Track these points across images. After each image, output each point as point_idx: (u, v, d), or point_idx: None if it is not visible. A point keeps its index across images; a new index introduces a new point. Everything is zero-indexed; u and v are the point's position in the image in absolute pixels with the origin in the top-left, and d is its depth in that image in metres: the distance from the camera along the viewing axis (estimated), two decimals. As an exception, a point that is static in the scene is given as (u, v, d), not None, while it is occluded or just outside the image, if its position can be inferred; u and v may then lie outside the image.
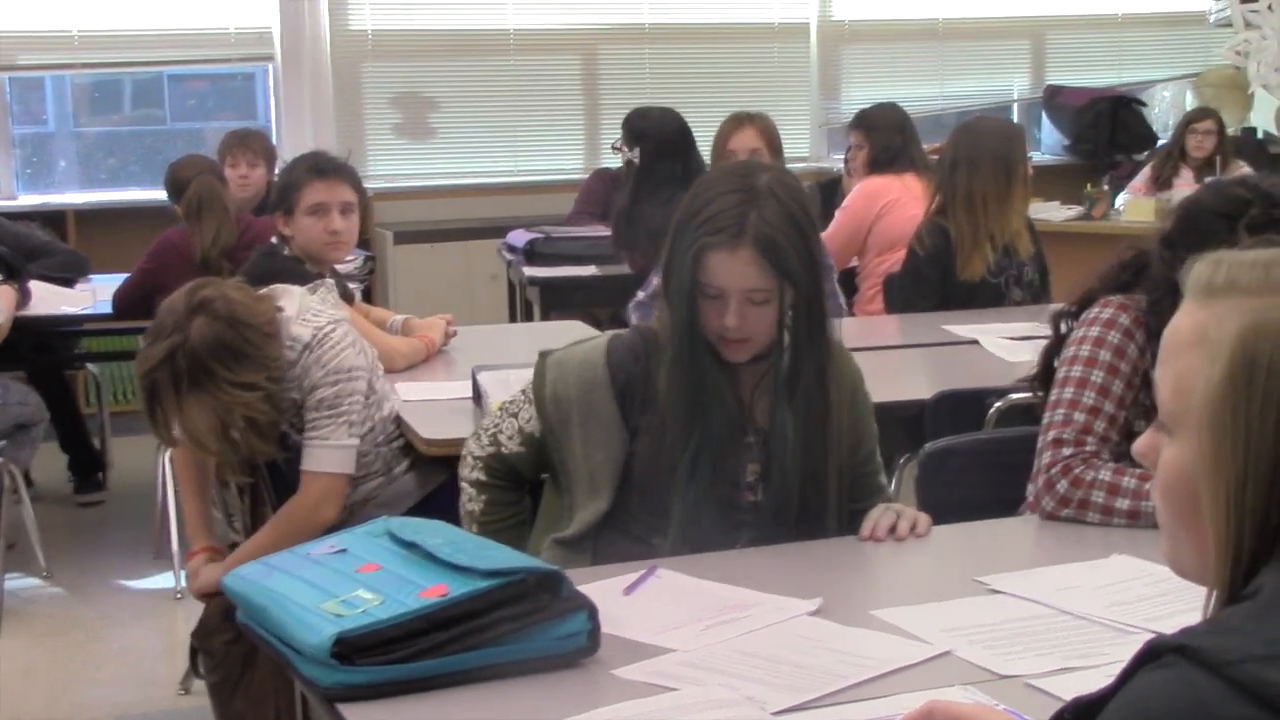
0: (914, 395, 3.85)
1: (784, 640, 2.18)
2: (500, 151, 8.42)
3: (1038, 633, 2.19)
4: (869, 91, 8.58)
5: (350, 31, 8.21)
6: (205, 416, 3.27)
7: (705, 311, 2.63)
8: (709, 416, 2.65)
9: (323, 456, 3.44)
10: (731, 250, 2.58)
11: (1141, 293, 2.82)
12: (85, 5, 7.71)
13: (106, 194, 8.24)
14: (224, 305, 3.30)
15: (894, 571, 2.54)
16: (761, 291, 2.60)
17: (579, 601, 2.11)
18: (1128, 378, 2.79)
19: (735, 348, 2.66)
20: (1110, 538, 2.61)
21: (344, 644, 1.98)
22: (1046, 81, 9.26)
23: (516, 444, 2.75)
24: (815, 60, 8.91)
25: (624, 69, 8.63)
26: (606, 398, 2.69)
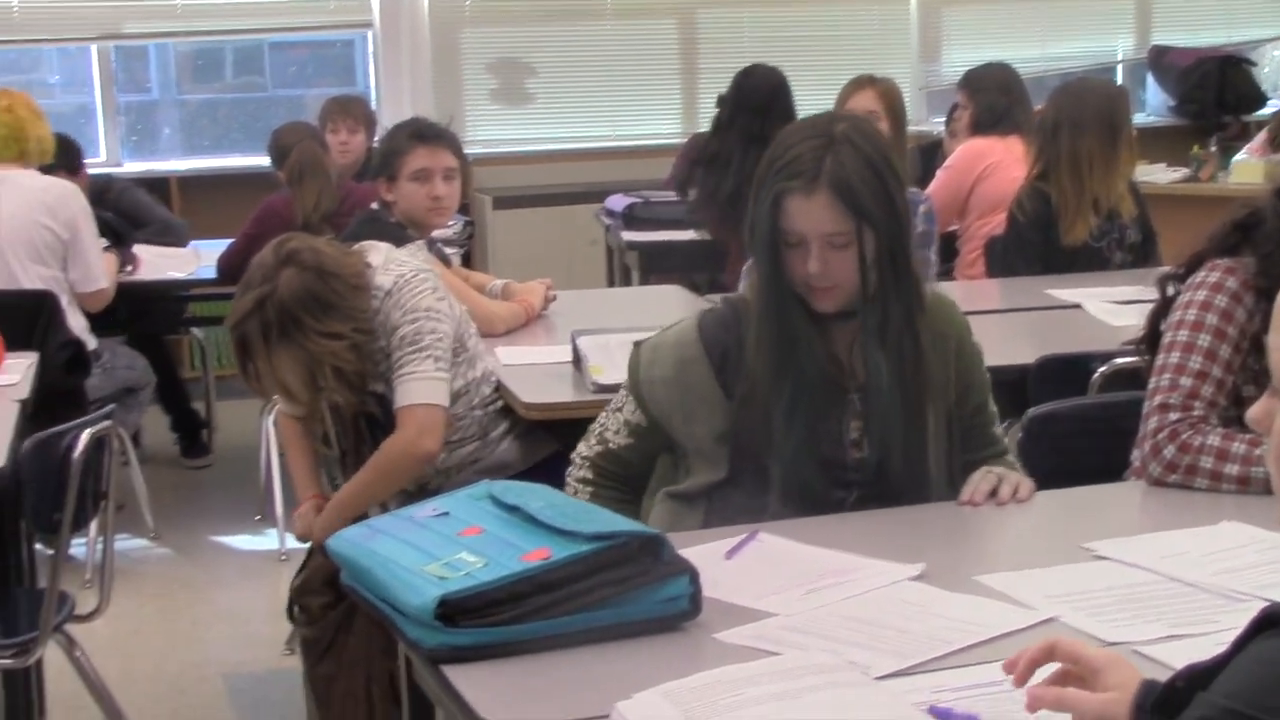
0: (1016, 360, 3.80)
1: (886, 605, 2.17)
2: (598, 116, 8.50)
3: (1144, 599, 2.16)
4: (970, 53, 8.51)
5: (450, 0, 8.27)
6: (294, 366, 3.32)
7: (790, 262, 2.62)
8: (801, 369, 2.63)
9: (412, 389, 3.44)
10: (808, 194, 2.57)
11: (1250, 254, 2.77)
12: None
13: (209, 161, 8.39)
14: (312, 256, 3.35)
15: (997, 537, 2.53)
16: (841, 235, 2.58)
17: (681, 565, 2.11)
18: (1235, 342, 2.74)
19: (822, 296, 2.64)
20: (1219, 504, 2.57)
21: (448, 606, 1.99)
22: (1152, 41, 9.19)
23: (624, 437, 2.74)
24: (915, 22, 8.93)
25: (722, 33, 8.64)
26: (705, 372, 2.68)
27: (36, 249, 5.06)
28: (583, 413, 3.59)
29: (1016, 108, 5.89)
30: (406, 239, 4.12)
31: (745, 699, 1.76)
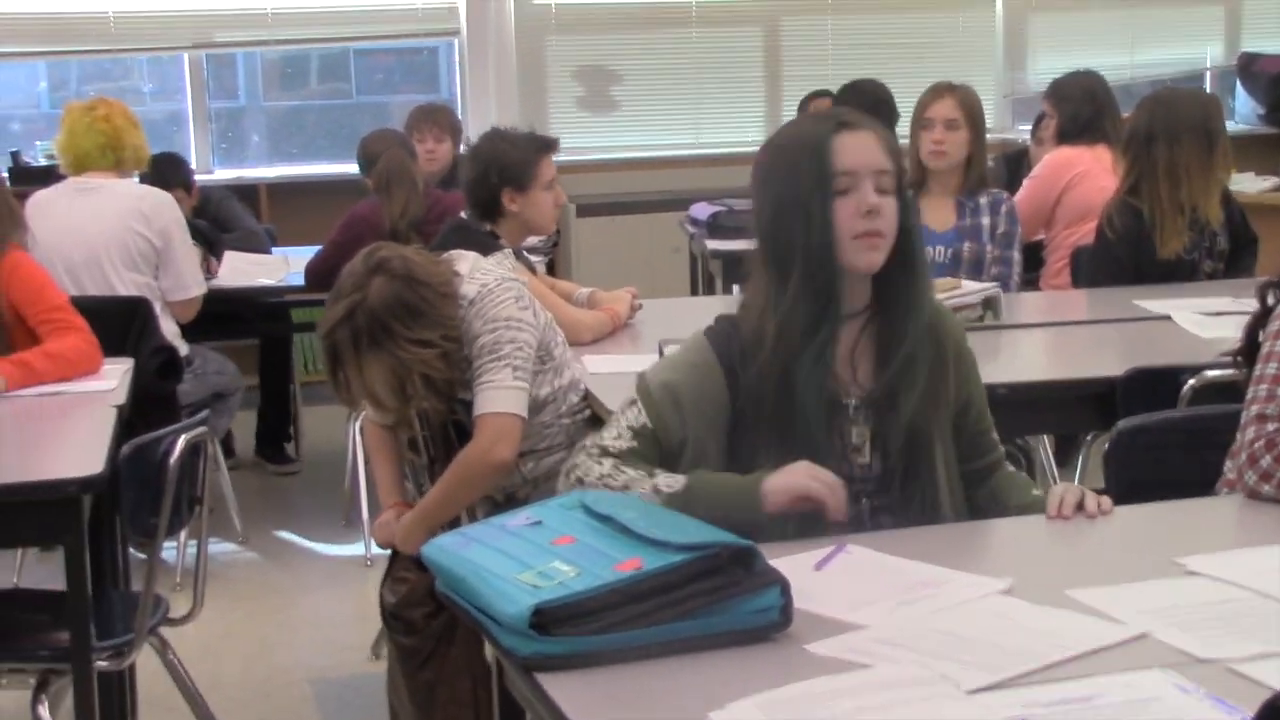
0: (1104, 372, 3.80)
1: (976, 619, 2.15)
2: (682, 124, 8.50)
3: (1239, 616, 2.14)
4: (1056, 61, 8.46)
5: (534, 5, 8.31)
6: (383, 374, 3.34)
7: (841, 212, 2.56)
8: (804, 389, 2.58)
9: (489, 398, 3.45)
10: (855, 130, 2.59)
11: None
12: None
13: (295, 168, 8.44)
14: (401, 264, 3.38)
15: (1086, 551, 2.50)
16: (888, 175, 2.59)
17: (772, 576, 2.10)
18: None
19: (874, 243, 2.58)
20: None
21: (542, 614, 2.00)
22: (1241, 48, 9.09)
23: (625, 441, 2.61)
24: (1000, 29, 8.87)
25: (806, 41, 8.64)
26: (718, 377, 2.63)
27: (131, 256, 5.12)
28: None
29: (1103, 116, 5.83)
30: (496, 247, 4.15)
31: (838, 711, 1.78)
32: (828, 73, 8.17)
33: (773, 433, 2.60)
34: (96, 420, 3.53)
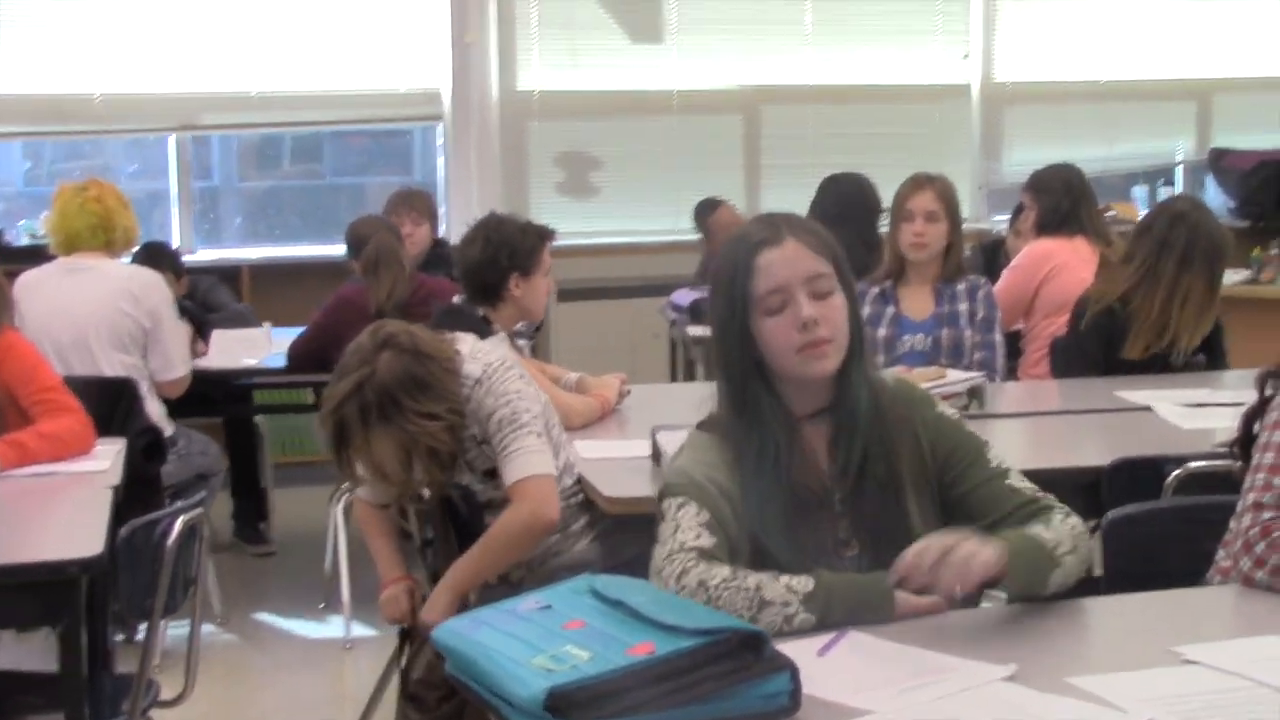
0: (1088, 462, 3.82)
1: (981, 706, 2.16)
2: (663, 210, 8.53)
3: (1240, 705, 2.15)
4: (1031, 153, 8.58)
5: (518, 91, 8.39)
6: (391, 448, 3.38)
7: (773, 335, 2.54)
8: (778, 487, 2.59)
9: (522, 463, 3.48)
10: (778, 244, 2.54)
11: None
12: (264, 68, 7.94)
13: (272, 249, 8.47)
14: (408, 339, 3.43)
15: (1086, 639, 2.52)
16: (824, 278, 2.56)
17: (781, 661, 2.11)
18: None
19: (818, 354, 2.56)
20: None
21: (557, 698, 2.00)
22: (1212, 144, 9.18)
23: (706, 539, 2.53)
24: (977, 121, 8.98)
25: (785, 129, 8.72)
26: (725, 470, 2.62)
27: (119, 336, 5.14)
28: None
29: (1081, 208, 5.91)
30: (489, 332, 4.20)
31: None
32: (807, 161, 8.27)
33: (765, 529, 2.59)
34: (91, 501, 3.53)
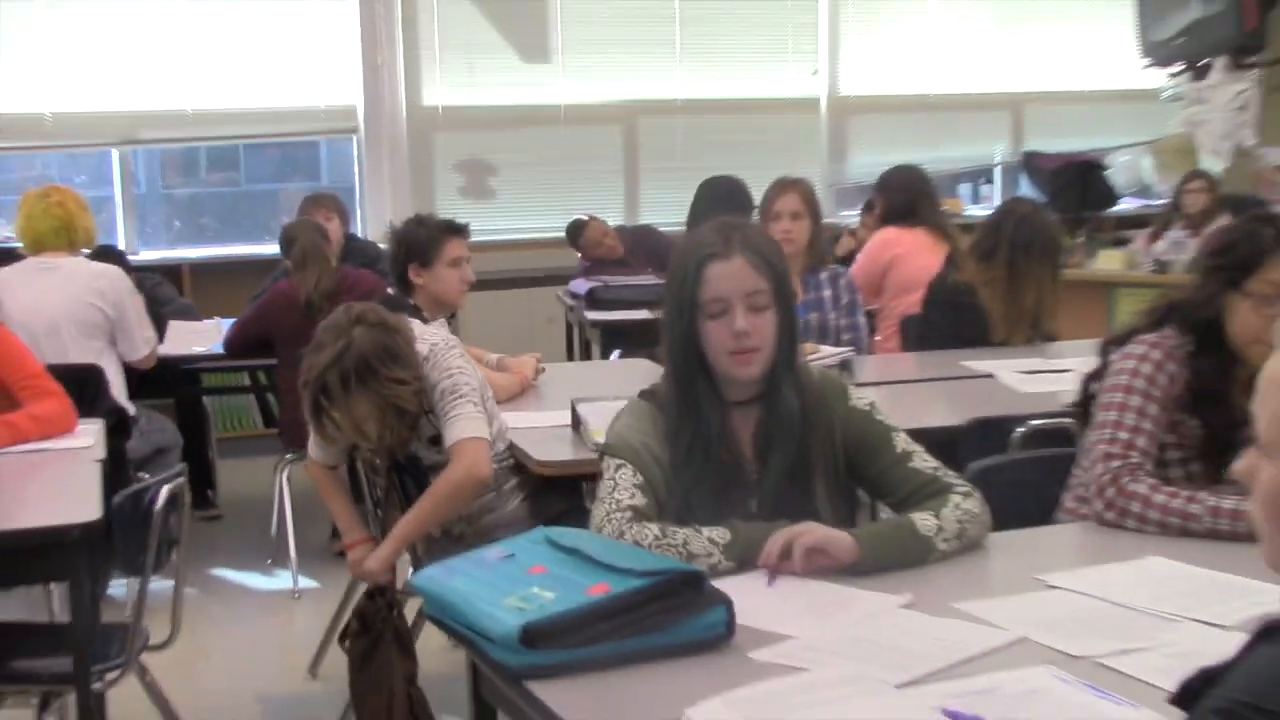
0: (943, 423, 3.82)
1: (885, 628, 2.22)
2: (553, 210, 8.49)
3: (1095, 620, 2.23)
4: (871, 156, 8.73)
5: (423, 107, 8.35)
6: (368, 408, 3.44)
7: (712, 335, 2.57)
8: (706, 459, 2.63)
9: (461, 427, 3.55)
10: (726, 258, 2.56)
11: (1173, 330, 2.91)
12: (195, 87, 7.85)
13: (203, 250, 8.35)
14: (375, 315, 3.51)
15: (965, 571, 2.54)
16: (762, 294, 2.57)
17: (718, 596, 2.17)
18: (1161, 402, 2.85)
19: (746, 361, 2.58)
20: (1144, 543, 2.65)
21: (530, 632, 2.05)
22: (1024, 148, 9.35)
23: (639, 498, 2.56)
24: (825, 130, 9.04)
25: (659, 138, 8.75)
26: (660, 437, 2.65)
27: (87, 326, 5.09)
28: (587, 469, 3.67)
29: (919, 203, 5.99)
30: (424, 319, 4.22)
31: (795, 704, 1.85)
32: (679, 165, 8.36)
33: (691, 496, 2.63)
34: (82, 473, 3.51)
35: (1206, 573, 2.47)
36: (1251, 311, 2.81)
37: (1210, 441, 2.87)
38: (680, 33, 8.71)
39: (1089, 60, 9.39)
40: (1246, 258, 2.82)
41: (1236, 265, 2.83)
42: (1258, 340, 2.79)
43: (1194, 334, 2.88)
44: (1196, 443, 2.89)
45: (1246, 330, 2.82)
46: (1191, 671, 1.36)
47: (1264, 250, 2.81)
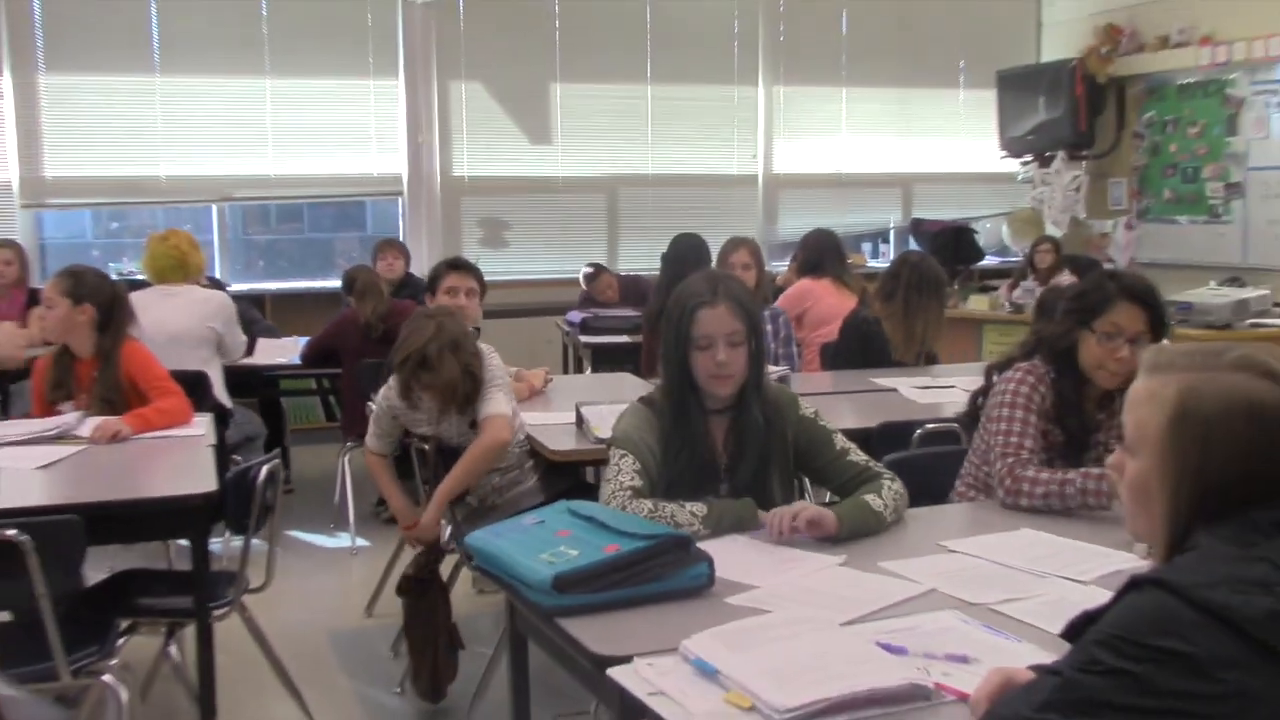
0: (859, 425, 3.82)
1: (826, 580, 2.26)
2: (552, 258, 8.49)
3: (987, 576, 2.27)
4: (797, 220, 8.73)
5: (453, 176, 8.31)
6: (457, 372, 3.54)
7: (699, 362, 2.60)
8: (690, 454, 2.64)
9: (490, 406, 3.62)
10: (713, 305, 2.60)
11: (1041, 359, 2.94)
12: (277, 157, 7.81)
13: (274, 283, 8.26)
14: (446, 314, 3.70)
15: (886, 537, 2.57)
16: (739, 333, 2.59)
17: (702, 555, 2.21)
18: (1036, 413, 2.88)
19: (723, 383, 2.61)
20: (1018, 518, 2.68)
21: (560, 580, 2.09)
22: (913, 215, 9.36)
23: (639, 479, 2.59)
24: (761, 199, 9.01)
25: (634, 203, 8.70)
26: (656, 434, 2.67)
27: (198, 340, 5.07)
28: (590, 456, 3.72)
29: (826, 258, 5.91)
30: None
31: (765, 636, 1.88)
32: (649, 225, 8.35)
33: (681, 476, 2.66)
34: (200, 455, 3.51)
35: (1066, 540, 2.50)
36: (1096, 345, 2.85)
37: (1069, 444, 2.90)
38: (651, 124, 8.69)
39: (961, 150, 9.41)
40: (1095, 303, 2.87)
41: (1087, 309, 2.88)
42: (1100, 367, 2.84)
43: (1055, 363, 2.92)
44: (1059, 445, 2.92)
45: (1092, 359, 2.86)
46: (1076, 613, 1.39)
47: (1109, 298, 2.86)
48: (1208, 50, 7.99)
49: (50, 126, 7.46)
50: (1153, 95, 8.52)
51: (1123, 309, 2.82)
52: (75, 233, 8.34)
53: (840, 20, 9.05)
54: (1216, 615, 1.25)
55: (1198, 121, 8.20)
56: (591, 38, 8.46)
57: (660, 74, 8.62)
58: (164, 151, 7.65)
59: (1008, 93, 8.98)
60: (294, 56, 7.77)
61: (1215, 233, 8.13)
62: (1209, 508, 1.37)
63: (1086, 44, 8.77)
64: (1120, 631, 1.30)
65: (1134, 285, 2.87)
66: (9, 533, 2.73)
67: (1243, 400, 1.36)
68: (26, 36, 7.37)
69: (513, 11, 8.31)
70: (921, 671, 1.77)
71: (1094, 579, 2.24)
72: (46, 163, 7.48)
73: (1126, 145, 8.74)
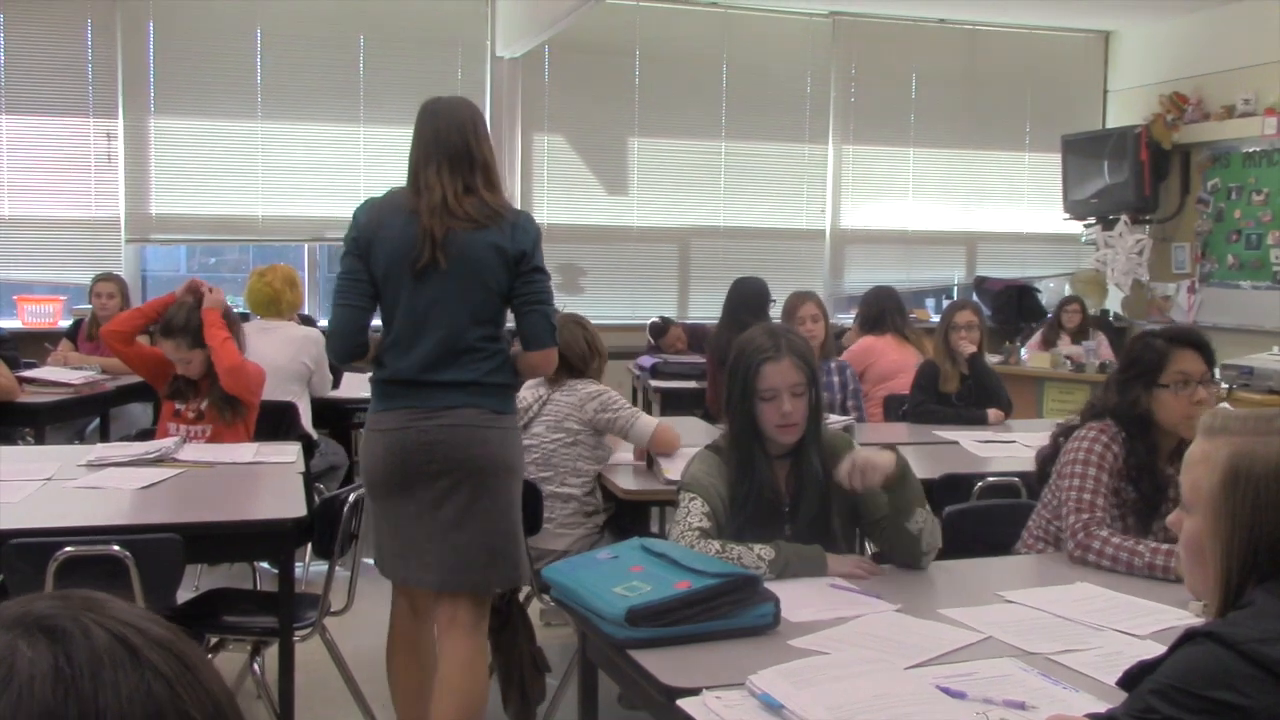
0: (921, 476, 3.77)
1: (887, 626, 2.26)
2: (626, 302, 8.57)
3: (1045, 626, 2.27)
4: (862, 275, 8.76)
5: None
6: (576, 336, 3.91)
7: (764, 412, 2.64)
8: (757, 496, 2.68)
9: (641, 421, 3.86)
10: (777, 360, 2.64)
11: (1110, 419, 2.92)
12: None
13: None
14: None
15: (944, 586, 2.58)
16: (800, 385, 2.64)
17: (769, 595, 2.23)
18: (1110, 472, 2.85)
19: (788, 432, 2.65)
20: (1076, 572, 2.67)
21: (633, 614, 2.12)
22: (976, 273, 9.33)
23: (706, 521, 2.64)
24: (828, 252, 9.04)
25: (706, 254, 8.76)
26: (723, 481, 2.70)
27: (292, 376, 5.17)
28: (658, 496, 3.74)
29: (886, 315, 5.93)
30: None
31: (829, 675, 1.90)
32: (719, 276, 8.32)
33: (747, 520, 2.69)
34: (290, 481, 3.58)
35: (1122, 595, 2.50)
36: (1173, 399, 2.85)
37: (1141, 502, 2.88)
38: (724, 178, 8.76)
39: (1026, 211, 9.40)
40: (1153, 362, 2.87)
41: (1149, 370, 2.87)
42: (1186, 417, 2.83)
43: (1126, 428, 2.89)
44: (1132, 503, 2.89)
45: (1174, 413, 2.84)
46: (1132, 663, 1.41)
47: (1162, 354, 2.86)
48: (1273, 120, 7.93)
49: (158, 166, 7.71)
50: (1217, 162, 8.45)
51: (1181, 357, 2.83)
52: (171, 266, 8.57)
53: (910, 83, 9.09)
54: (1271, 669, 1.26)
55: (1262, 189, 8.12)
56: (670, 95, 8.57)
57: (734, 131, 8.70)
58: (261, 192, 7.86)
59: (1072, 157, 8.95)
60: (387, 106, 7.95)
61: (1278, 298, 8.02)
62: (1262, 566, 1.39)
63: (1152, 111, 8.73)
64: (1176, 682, 1.31)
65: (1180, 333, 2.89)
66: (113, 549, 2.83)
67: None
68: (141, 82, 7.64)
69: (595, 69, 8.44)
70: (981, 716, 1.78)
71: (1149, 634, 2.23)
72: (153, 200, 7.72)
73: (1190, 210, 8.67)
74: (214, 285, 4.35)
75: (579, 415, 3.79)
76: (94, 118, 7.59)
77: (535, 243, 3.04)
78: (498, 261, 2.97)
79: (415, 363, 2.99)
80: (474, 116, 3.06)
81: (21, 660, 0.67)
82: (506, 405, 3.07)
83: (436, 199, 2.96)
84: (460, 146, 2.98)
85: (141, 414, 6.31)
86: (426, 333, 2.98)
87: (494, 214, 2.97)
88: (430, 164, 2.99)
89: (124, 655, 0.69)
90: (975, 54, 9.20)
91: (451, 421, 2.97)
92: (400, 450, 3.00)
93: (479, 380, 3.00)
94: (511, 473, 3.06)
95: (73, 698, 0.66)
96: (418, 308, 2.98)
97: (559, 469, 3.80)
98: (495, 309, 3.02)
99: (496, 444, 3.02)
